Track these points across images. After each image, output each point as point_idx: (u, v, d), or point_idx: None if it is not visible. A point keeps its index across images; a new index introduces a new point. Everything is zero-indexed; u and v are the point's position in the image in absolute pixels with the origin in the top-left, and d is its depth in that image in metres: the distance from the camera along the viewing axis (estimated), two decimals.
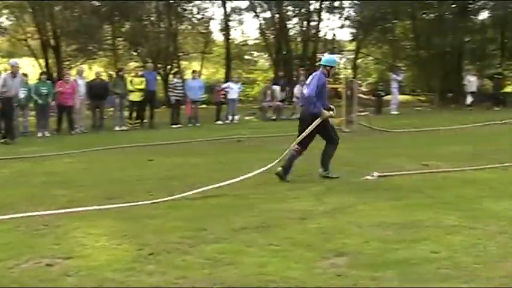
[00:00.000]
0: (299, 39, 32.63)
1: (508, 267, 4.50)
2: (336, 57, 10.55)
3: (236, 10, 32.34)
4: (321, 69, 8.28)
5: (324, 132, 8.20)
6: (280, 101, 21.26)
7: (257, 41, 34.66)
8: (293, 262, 4.64)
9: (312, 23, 31.62)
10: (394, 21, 31.34)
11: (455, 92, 27.26)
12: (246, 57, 35.73)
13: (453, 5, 27.46)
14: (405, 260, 4.67)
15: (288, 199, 7.06)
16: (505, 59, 32.86)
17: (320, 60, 9.31)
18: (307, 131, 7.99)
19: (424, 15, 30.78)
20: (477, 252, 4.84)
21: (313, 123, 7.94)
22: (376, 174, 8.30)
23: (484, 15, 31.14)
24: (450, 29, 26.72)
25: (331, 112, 8.25)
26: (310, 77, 8.29)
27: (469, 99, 23.39)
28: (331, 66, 8.32)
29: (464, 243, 5.11)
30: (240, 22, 33.50)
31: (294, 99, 21.21)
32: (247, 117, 21.22)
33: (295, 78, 25.08)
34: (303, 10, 30.68)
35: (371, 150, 11.57)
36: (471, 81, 23.90)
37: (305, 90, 8.32)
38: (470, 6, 28.16)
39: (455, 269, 4.46)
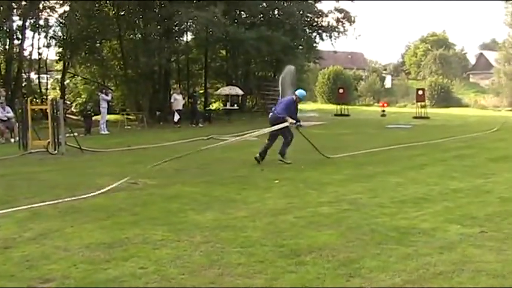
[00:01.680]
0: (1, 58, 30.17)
1: (211, 274, 4.89)
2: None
3: None
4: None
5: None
6: None
7: None
8: None
9: (16, 42, 29.45)
10: (102, 40, 31.34)
11: (164, 110, 28.41)
12: None
13: (158, 27, 28.62)
14: (114, 279, 4.73)
15: None
16: (209, 78, 35.59)
17: None
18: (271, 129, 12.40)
19: (131, 36, 31.40)
20: (183, 263, 5.16)
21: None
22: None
23: (188, 36, 33.24)
24: (156, 49, 27.76)
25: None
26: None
27: (177, 117, 24.58)
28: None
29: (170, 255, 5.39)
30: None
31: None
32: None
33: None
34: (5, 28, 28.43)
35: (80, 171, 11.36)
36: (177, 100, 25.18)
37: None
38: (174, 28, 29.65)
39: (163, 281, 4.69)
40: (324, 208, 7.52)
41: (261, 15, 33.72)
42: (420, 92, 34.18)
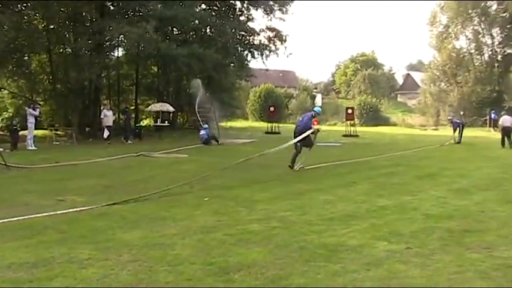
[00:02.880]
0: None
1: None
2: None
3: None
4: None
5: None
6: None
7: None
8: None
9: None
10: (30, 54, 30.45)
11: (93, 126, 27.85)
12: None
13: (89, 41, 28.11)
14: None
15: None
16: (140, 94, 35.20)
17: None
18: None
19: (60, 50, 30.69)
20: (110, 283, 5.09)
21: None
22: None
23: (119, 52, 32.83)
24: (87, 64, 27.22)
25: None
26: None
27: (106, 133, 24.15)
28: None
29: (97, 275, 5.29)
30: None
31: None
32: None
33: None
34: None
35: (5, 188, 10.98)
36: (107, 116, 24.74)
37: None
38: (105, 43, 29.19)
39: None
40: (254, 226, 7.56)
41: (193, 32, 33.77)
42: (349, 111, 34.96)
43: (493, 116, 41.01)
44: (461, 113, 50.95)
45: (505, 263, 5.84)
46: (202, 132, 24.14)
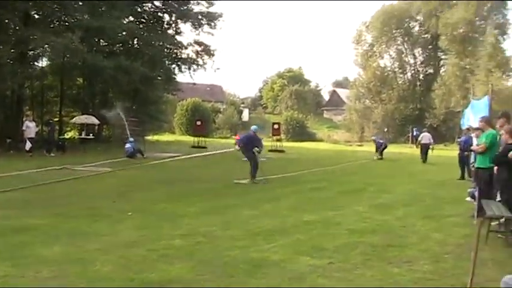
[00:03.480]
0: None
1: None
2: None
3: None
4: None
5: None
6: None
7: None
8: None
9: None
10: None
11: (15, 138, 26.83)
12: None
13: (12, 50, 27.15)
14: None
15: None
16: (64, 106, 34.22)
17: None
18: None
19: None
20: None
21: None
22: None
23: (43, 62, 31.88)
24: (9, 74, 26.23)
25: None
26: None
27: (28, 145, 23.33)
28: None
29: None
30: None
31: None
32: None
33: None
34: None
35: None
36: (30, 127, 23.92)
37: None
38: (29, 52, 28.29)
39: None
40: (177, 241, 7.54)
41: (121, 44, 33.32)
42: (276, 126, 35.49)
43: (415, 133, 42.33)
44: (385, 129, 52.96)
45: (425, 276, 6.11)
46: (127, 145, 23.75)
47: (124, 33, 31.15)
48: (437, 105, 51.47)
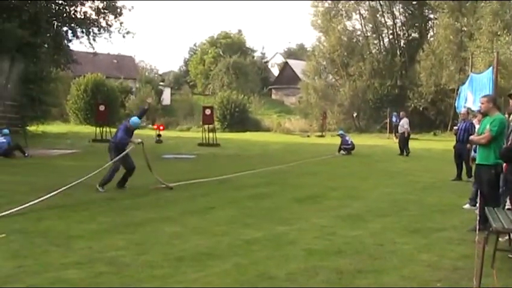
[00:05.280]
0: None
1: None
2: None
3: None
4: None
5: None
6: None
7: None
8: None
9: None
10: None
11: None
12: None
13: None
14: None
15: None
16: None
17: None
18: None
19: None
20: None
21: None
22: None
23: None
24: None
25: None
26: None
27: None
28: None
29: None
30: None
31: None
32: None
33: None
34: None
35: None
36: None
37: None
38: None
39: None
40: (71, 272, 7.34)
41: None
42: (208, 112, 35.24)
43: (394, 119, 42.31)
44: (355, 114, 53.37)
45: None
46: (0, 139, 23.16)
47: None
48: (423, 81, 51.75)
